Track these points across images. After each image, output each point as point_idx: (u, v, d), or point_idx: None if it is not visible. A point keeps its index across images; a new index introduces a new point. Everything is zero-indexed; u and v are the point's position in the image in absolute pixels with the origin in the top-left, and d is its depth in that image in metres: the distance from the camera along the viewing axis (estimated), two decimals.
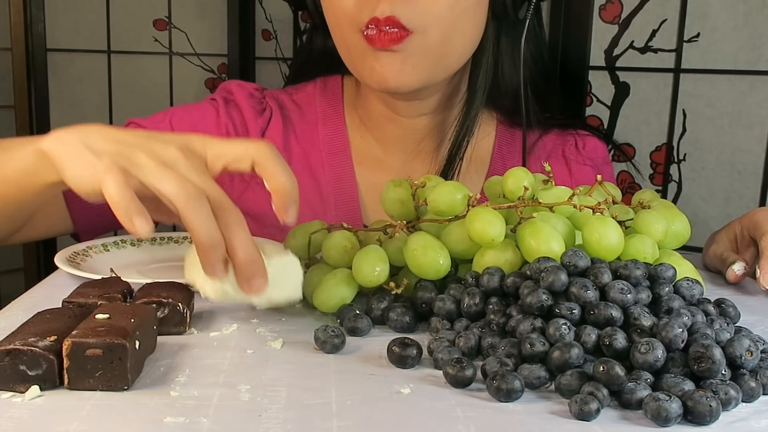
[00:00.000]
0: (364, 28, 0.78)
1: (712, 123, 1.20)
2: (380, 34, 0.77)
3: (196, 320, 0.61)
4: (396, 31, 0.77)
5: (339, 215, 0.89)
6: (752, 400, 0.48)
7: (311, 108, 0.94)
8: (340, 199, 0.90)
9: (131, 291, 0.60)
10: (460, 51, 0.84)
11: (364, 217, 0.91)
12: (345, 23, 0.80)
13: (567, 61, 1.25)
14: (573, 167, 0.95)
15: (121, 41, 1.64)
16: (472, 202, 0.62)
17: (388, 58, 0.79)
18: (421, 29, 0.78)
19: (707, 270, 0.82)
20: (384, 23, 0.76)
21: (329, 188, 0.90)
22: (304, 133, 0.92)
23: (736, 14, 1.16)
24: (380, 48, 0.78)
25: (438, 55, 0.81)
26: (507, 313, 0.56)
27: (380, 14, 0.76)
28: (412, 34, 0.77)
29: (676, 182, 1.23)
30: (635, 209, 0.66)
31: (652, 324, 0.51)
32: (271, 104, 0.93)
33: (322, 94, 0.95)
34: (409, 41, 0.78)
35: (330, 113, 0.93)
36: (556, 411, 0.46)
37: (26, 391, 0.46)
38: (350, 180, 0.91)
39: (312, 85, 0.96)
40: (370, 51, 0.79)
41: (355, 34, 0.79)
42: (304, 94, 0.95)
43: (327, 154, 0.91)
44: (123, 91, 1.67)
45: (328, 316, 0.63)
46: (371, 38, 0.77)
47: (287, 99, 0.95)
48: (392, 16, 0.76)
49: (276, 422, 0.43)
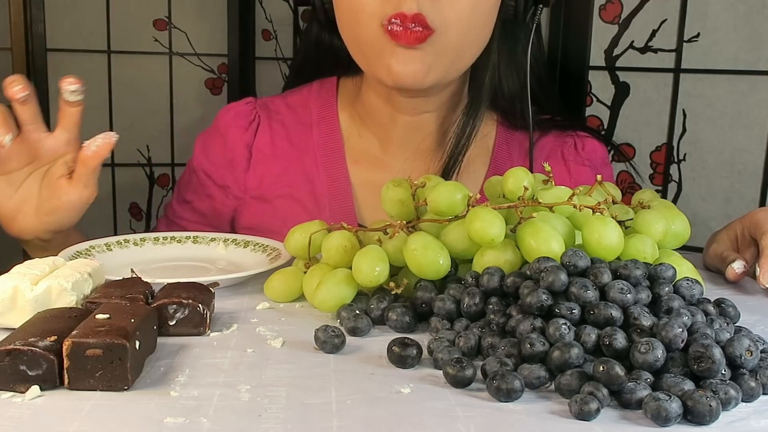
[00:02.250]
0: (386, 21, 0.77)
1: (712, 123, 1.20)
2: (406, 32, 0.76)
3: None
4: (420, 30, 0.77)
5: (333, 216, 0.90)
6: (752, 399, 0.48)
7: (306, 110, 0.95)
8: (335, 200, 0.91)
9: (153, 291, 0.60)
10: (473, 52, 0.84)
11: (359, 218, 0.91)
12: (364, 15, 0.79)
13: (567, 61, 1.25)
14: (572, 168, 0.95)
15: (121, 41, 1.64)
16: (471, 202, 0.62)
17: (405, 56, 0.78)
18: (442, 28, 0.78)
19: (707, 270, 0.82)
20: (411, 20, 0.76)
21: (323, 189, 0.91)
22: (298, 136, 0.93)
23: (736, 14, 1.16)
24: (404, 45, 0.78)
25: (454, 55, 0.81)
26: (507, 313, 0.56)
27: (408, 11, 0.76)
28: (433, 33, 0.78)
29: (676, 182, 1.23)
30: (635, 209, 0.66)
31: (651, 324, 0.51)
32: (261, 113, 0.95)
33: (318, 97, 0.95)
34: (430, 40, 0.78)
35: (324, 115, 0.94)
36: (556, 411, 0.46)
37: (26, 391, 0.46)
38: (344, 181, 0.91)
39: (308, 88, 0.97)
40: (388, 46, 0.78)
41: (376, 27, 0.78)
42: (299, 97, 0.96)
43: (321, 155, 0.92)
44: (123, 91, 1.67)
45: (328, 316, 0.63)
46: (396, 34, 0.77)
47: (281, 103, 0.96)
48: (419, 14, 0.76)
49: (276, 422, 0.43)
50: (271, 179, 0.93)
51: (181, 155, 1.74)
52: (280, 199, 0.92)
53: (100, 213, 1.67)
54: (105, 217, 1.69)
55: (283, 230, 0.90)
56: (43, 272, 0.58)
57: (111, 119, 1.67)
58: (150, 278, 0.63)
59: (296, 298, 0.67)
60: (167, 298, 0.57)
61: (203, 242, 0.83)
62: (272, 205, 0.92)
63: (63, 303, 0.56)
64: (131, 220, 1.72)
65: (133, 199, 1.72)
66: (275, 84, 1.55)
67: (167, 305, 0.57)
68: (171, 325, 0.57)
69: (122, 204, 1.71)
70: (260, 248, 0.81)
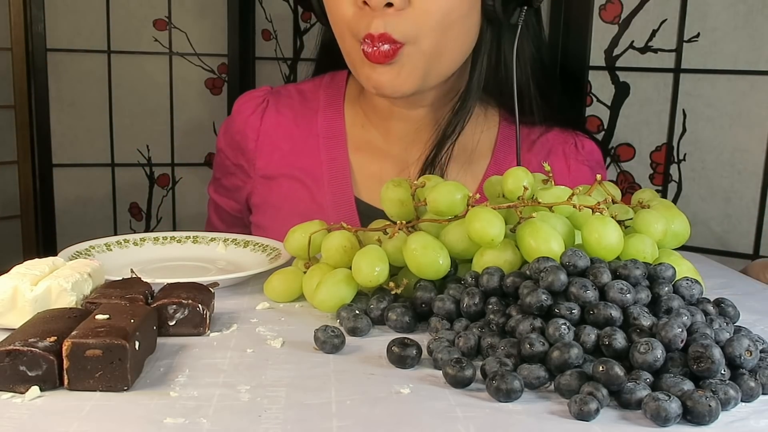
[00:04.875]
0: (361, 41, 0.82)
1: (712, 123, 1.20)
2: (375, 51, 0.81)
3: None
4: (388, 48, 0.81)
5: (333, 196, 0.93)
6: (752, 399, 0.48)
7: (315, 96, 1.00)
8: (335, 181, 0.95)
9: (153, 292, 0.60)
10: (452, 57, 0.87)
11: (358, 202, 0.94)
12: (346, 32, 0.85)
13: (567, 61, 1.25)
14: (572, 165, 0.96)
15: (121, 41, 1.64)
16: (471, 202, 0.62)
17: (382, 69, 0.83)
18: (413, 40, 0.82)
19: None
20: (378, 40, 0.81)
21: (324, 170, 0.95)
22: (305, 119, 0.98)
23: (736, 14, 1.16)
24: (375, 63, 0.83)
25: (431, 62, 0.85)
26: (506, 313, 0.56)
27: (374, 31, 0.81)
28: (404, 45, 0.82)
29: (676, 182, 1.23)
30: (635, 209, 0.66)
31: (651, 324, 0.51)
32: (270, 99, 1.00)
33: (328, 86, 1.00)
34: (402, 52, 0.82)
35: (330, 103, 0.99)
36: (556, 411, 0.46)
37: (26, 391, 0.46)
38: (344, 162, 0.95)
39: (320, 78, 1.02)
40: (366, 62, 0.84)
41: (355, 43, 0.84)
42: (311, 85, 1.02)
43: (324, 139, 0.97)
44: (123, 91, 1.67)
45: (327, 316, 0.63)
46: (367, 54, 0.82)
47: (293, 90, 1.02)
48: (385, 33, 0.81)
49: (276, 422, 0.44)
50: (277, 159, 0.97)
51: (181, 155, 1.74)
52: (283, 177, 0.96)
53: (100, 213, 1.68)
54: (105, 217, 1.69)
55: (284, 206, 0.95)
56: (43, 272, 0.58)
57: (111, 119, 1.67)
58: (150, 278, 0.63)
59: (296, 298, 0.67)
60: (167, 299, 0.57)
61: (203, 242, 0.84)
62: (277, 183, 0.97)
63: (63, 303, 0.56)
64: (131, 220, 1.73)
65: (133, 199, 1.72)
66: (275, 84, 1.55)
67: (167, 305, 0.57)
68: (171, 325, 0.57)
69: (122, 204, 1.71)
70: (260, 248, 0.81)
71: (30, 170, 1.65)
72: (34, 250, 1.67)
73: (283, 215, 0.94)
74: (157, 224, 1.74)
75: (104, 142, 1.67)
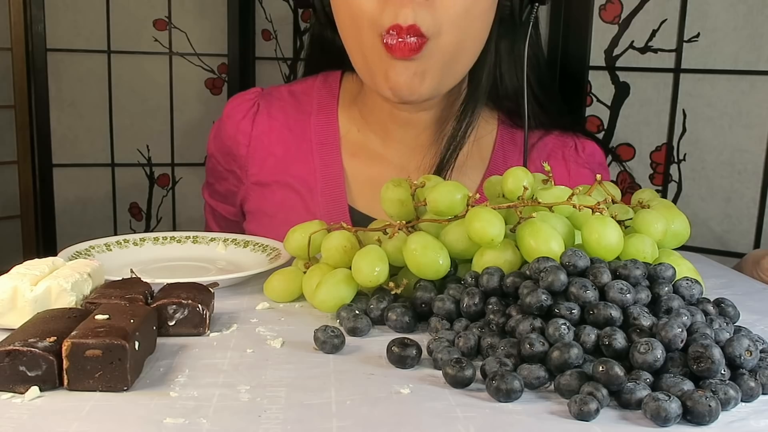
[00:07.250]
0: (384, 33, 0.78)
1: (712, 123, 1.20)
2: (400, 44, 0.77)
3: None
4: (415, 41, 0.77)
5: (326, 204, 0.91)
6: (752, 399, 0.48)
7: (308, 99, 0.97)
8: (327, 188, 0.92)
9: (152, 292, 0.60)
10: (470, 55, 0.85)
11: (352, 209, 0.92)
12: (364, 25, 0.80)
13: (567, 61, 1.25)
14: (572, 168, 0.96)
15: (121, 41, 1.64)
16: (471, 202, 0.62)
17: (402, 67, 0.79)
18: (436, 34, 0.78)
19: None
20: (406, 32, 0.77)
21: (317, 176, 0.93)
22: (297, 123, 0.95)
23: (736, 14, 1.16)
24: (399, 57, 0.78)
25: (450, 60, 0.82)
26: (506, 313, 0.56)
27: (403, 21, 0.76)
28: (428, 41, 0.78)
29: (676, 182, 1.23)
30: (635, 209, 0.66)
31: (651, 324, 0.51)
32: (261, 102, 0.97)
33: (321, 88, 0.97)
34: (425, 49, 0.78)
35: (324, 105, 0.96)
36: (556, 411, 0.46)
37: (26, 391, 0.46)
38: (337, 168, 0.92)
39: (313, 78, 0.99)
40: (386, 58, 0.79)
41: (375, 38, 0.79)
42: (304, 86, 0.98)
43: (317, 143, 0.94)
44: (123, 91, 1.67)
45: (327, 316, 0.63)
46: (391, 47, 0.78)
47: (285, 91, 0.98)
48: (414, 25, 0.77)
49: (276, 422, 0.43)
50: (270, 165, 0.95)
51: (180, 155, 1.74)
52: (276, 184, 0.94)
53: (100, 213, 1.68)
54: (105, 217, 1.69)
55: (277, 215, 0.92)
56: (43, 273, 0.58)
57: (111, 119, 1.67)
58: (150, 278, 0.63)
59: (296, 298, 0.67)
60: (167, 299, 0.57)
61: (203, 242, 0.84)
62: (270, 190, 0.94)
63: (63, 303, 0.56)
64: (131, 220, 1.73)
65: (133, 199, 1.72)
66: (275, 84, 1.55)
67: (167, 305, 0.57)
68: (170, 325, 0.57)
69: (122, 204, 1.71)
70: (260, 248, 0.81)
71: (30, 170, 1.65)
72: (34, 250, 1.67)
73: (276, 224, 0.91)
74: (157, 224, 1.74)
75: (104, 142, 1.67)
